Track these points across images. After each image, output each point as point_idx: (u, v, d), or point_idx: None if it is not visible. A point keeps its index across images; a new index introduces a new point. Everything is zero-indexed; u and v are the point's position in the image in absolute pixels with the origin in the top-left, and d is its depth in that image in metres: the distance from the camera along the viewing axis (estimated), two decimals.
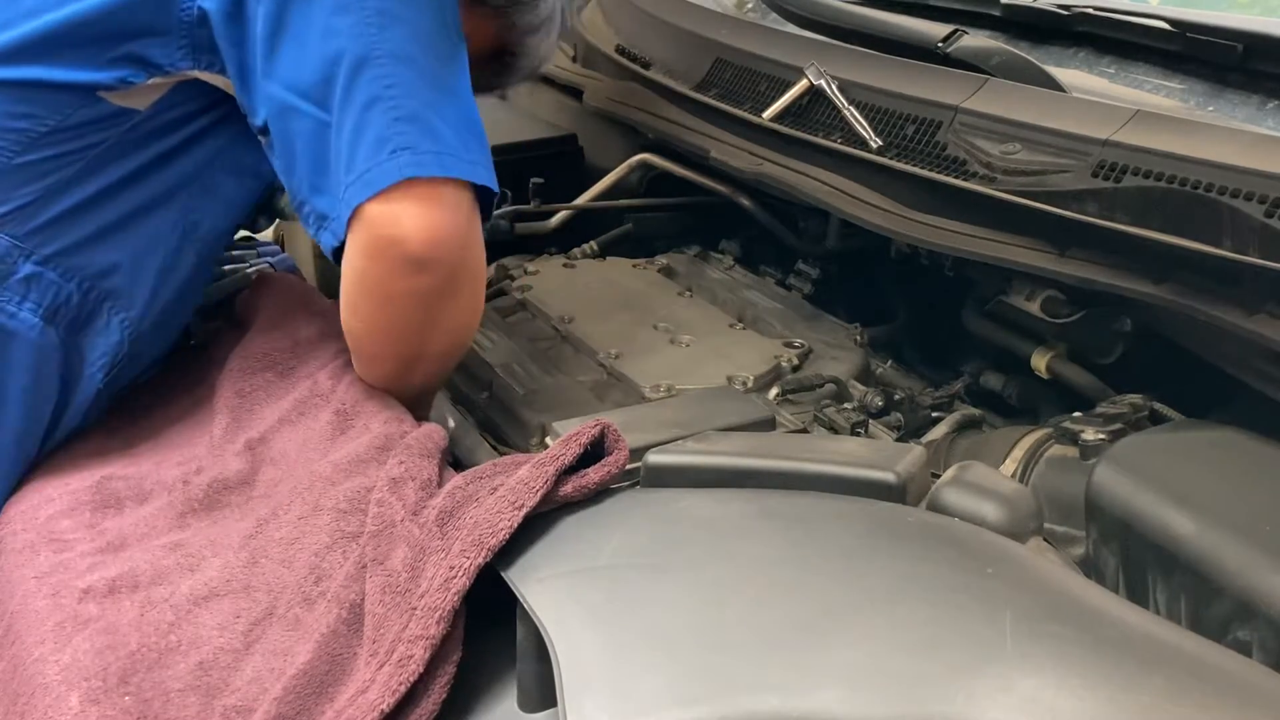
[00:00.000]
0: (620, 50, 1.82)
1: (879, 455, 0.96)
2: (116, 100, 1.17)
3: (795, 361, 1.38)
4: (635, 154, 1.77)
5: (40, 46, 1.15)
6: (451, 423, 1.30)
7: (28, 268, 1.18)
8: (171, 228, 1.25)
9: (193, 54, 1.16)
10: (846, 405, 1.31)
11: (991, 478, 0.95)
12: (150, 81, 1.17)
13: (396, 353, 1.17)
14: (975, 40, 1.43)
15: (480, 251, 1.15)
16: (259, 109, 1.15)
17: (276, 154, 1.16)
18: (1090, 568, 1.01)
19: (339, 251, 1.14)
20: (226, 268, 1.56)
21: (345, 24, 1.10)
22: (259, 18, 1.12)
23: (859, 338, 1.48)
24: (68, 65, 1.15)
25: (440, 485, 0.98)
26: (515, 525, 0.85)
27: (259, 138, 1.18)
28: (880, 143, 1.36)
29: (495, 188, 1.14)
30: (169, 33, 1.15)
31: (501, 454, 1.25)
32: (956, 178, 1.27)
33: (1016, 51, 1.42)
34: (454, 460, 1.14)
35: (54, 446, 1.25)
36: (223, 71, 1.17)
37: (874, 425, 1.30)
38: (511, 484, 0.88)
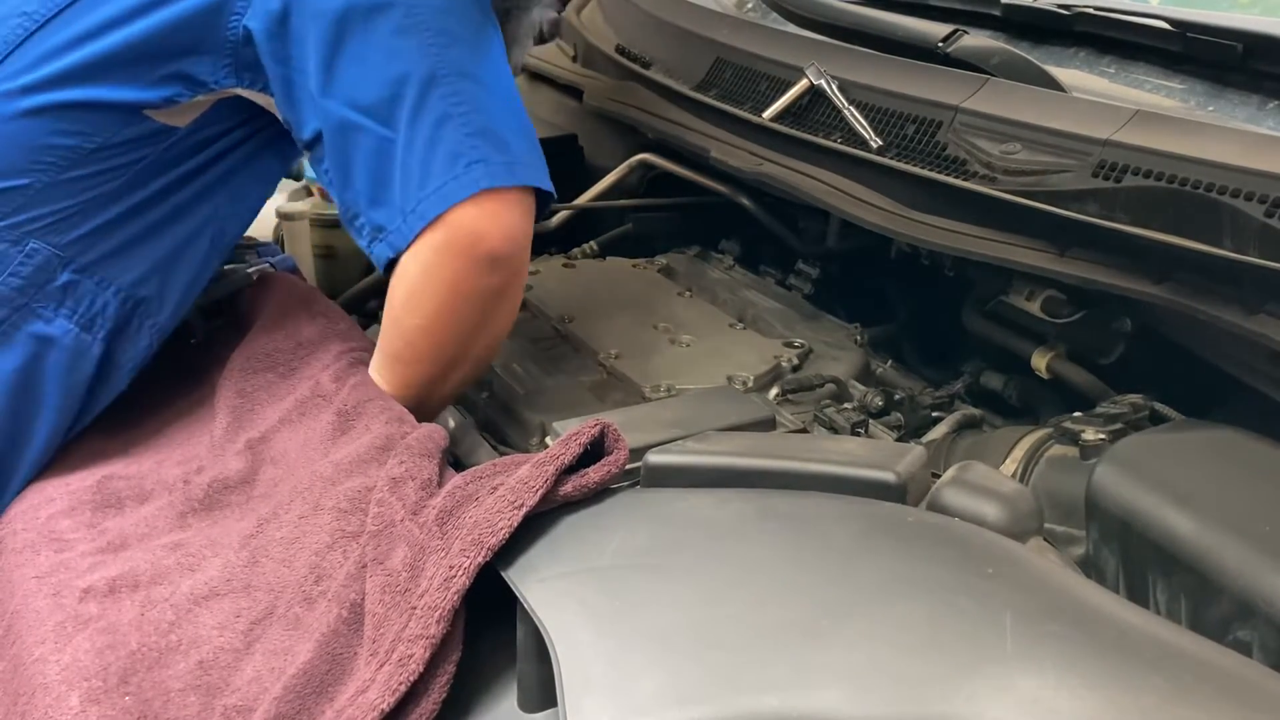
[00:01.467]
0: (620, 50, 1.82)
1: (879, 455, 0.96)
2: (160, 118, 1.21)
3: (795, 361, 1.38)
4: (635, 154, 1.77)
5: (94, 69, 1.18)
6: (451, 423, 1.30)
7: (66, 276, 1.21)
8: (201, 236, 1.29)
9: (236, 72, 1.21)
10: (846, 405, 1.31)
11: (991, 478, 0.95)
12: (195, 99, 1.21)
13: (443, 354, 1.21)
14: (975, 40, 1.43)
15: (529, 257, 1.23)
16: (308, 123, 1.19)
17: (329, 167, 1.20)
18: (1090, 568, 1.01)
19: (393, 263, 1.18)
20: (227, 267, 1.56)
21: (409, 45, 1.16)
22: (309, 38, 1.16)
23: (859, 338, 1.48)
24: (119, 85, 1.19)
25: (440, 485, 0.98)
26: (515, 525, 0.85)
27: (304, 150, 1.23)
28: (880, 143, 1.36)
29: (554, 193, 1.22)
30: (214, 51, 1.19)
31: (501, 454, 1.25)
32: (957, 178, 1.27)
33: (1016, 51, 1.42)
34: (454, 460, 1.14)
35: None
36: (264, 89, 1.22)
37: (874, 425, 1.30)
38: (511, 484, 0.88)
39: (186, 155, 1.25)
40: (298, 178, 1.88)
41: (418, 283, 1.17)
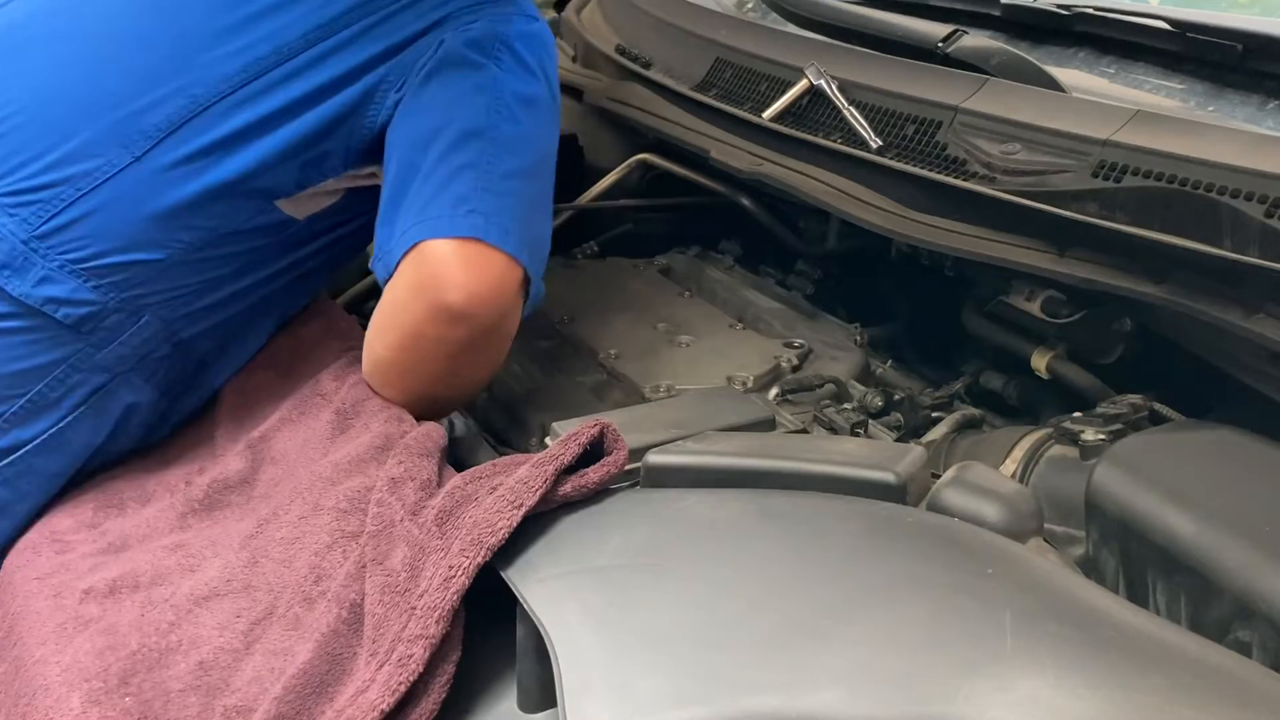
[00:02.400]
0: (620, 50, 1.82)
1: (879, 455, 0.96)
2: (285, 208, 1.24)
3: (795, 361, 1.38)
4: (635, 154, 1.76)
5: (248, 165, 1.20)
6: (452, 423, 1.30)
7: (166, 349, 1.23)
8: (276, 315, 1.33)
9: (364, 155, 1.24)
10: (846, 405, 1.31)
11: (991, 478, 0.95)
12: (320, 187, 1.25)
13: (410, 388, 1.20)
14: (975, 40, 1.43)
15: (514, 324, 1.21)
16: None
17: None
18: (1090, 568, 1.01)
19: (388, 283, 1.18)
20: None
21: (478, 103, 1.19)
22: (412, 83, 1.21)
23: (859, 338, 1.48)
24: (263, 177, 1.21)
25: (440, 485, 0.98)
26: (514, 525, 0.85)
27: None
28: (880, 143, 1.36)
29: (543, 292, 1.23)
30: (348, 136, 1.23)
31: (501, 454, 1.24)
32: (956, 178, 1.27)
33: (1016, 51, 1.42)
34: (454, 460, 1.14)
35: None
36: (379, 161, 1.24)
37: (874, 425, 1.29)
38: (511, 484, 0.88)
39: (297, 246, 1.28)
40: None
41: (386, 312, 1.18)
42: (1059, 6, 1.55)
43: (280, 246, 1.27)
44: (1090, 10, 1.51)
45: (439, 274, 1.13)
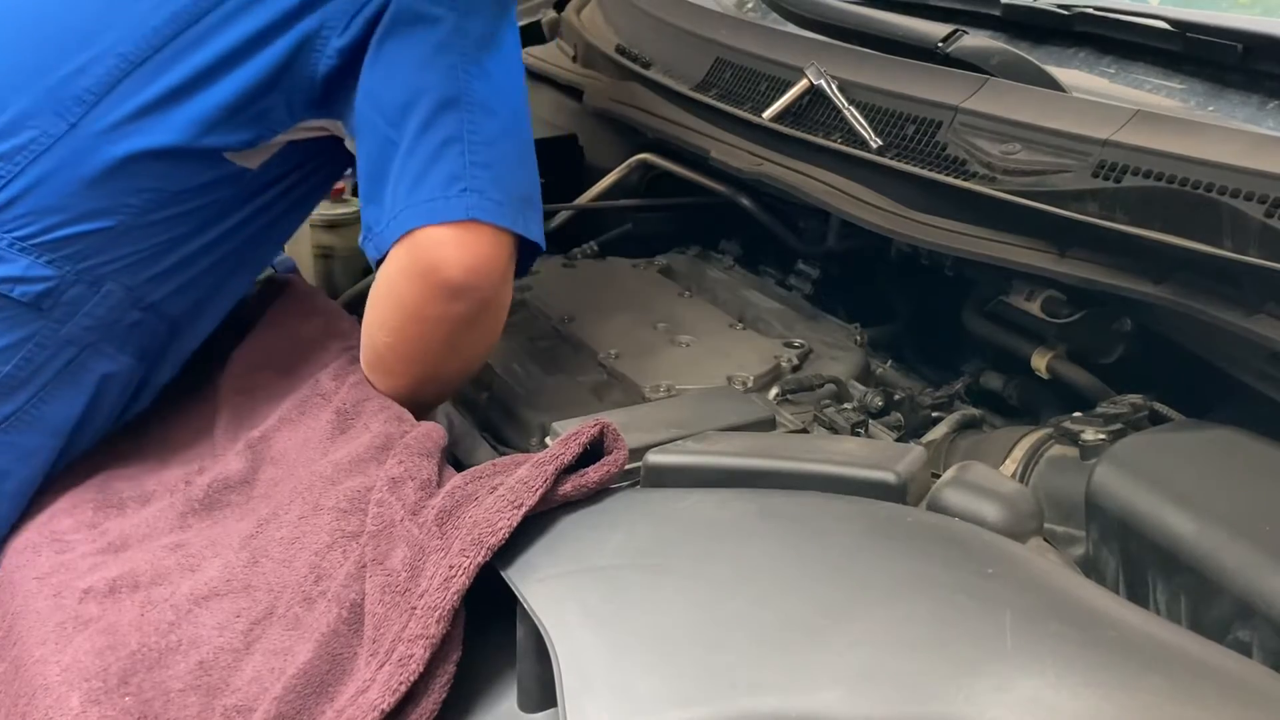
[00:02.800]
0: (620, 50, 1.82)
1: (879, 455, 0.96)
2: (237, 160, 1.21)
3: (795, 361, 1.38)
4: (635, 154, 1.76)
5: (188, 121, 1.17)
6: (452, 423, 1.30)
7: (134, 314, 1.21)
8: (245, 268, 1.31)
9: (310, 105, 1.20)
10: (846, 405, 1.31)
11: (991, 478, 0.95)
12: (274, 139, 1.21)
13: (413, 371, 1.19)
14: (975, 40, 1.43)
15: (509, 293, 1.21)
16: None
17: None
18: (1090, 568, 1.01)
19: (380, 263, 1.17)
20: None
21: (443, 63, 1.15)
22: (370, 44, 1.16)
23: (859, 338, 1.48)
24: (208, 134, 1.18)
25: (440, 485, 0.98)
26: (515, 524, 0.85)
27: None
28: (880, 143, 1.36)
29: (544, 246, 1.21)
30: (294, 88, 1.18)
31: (501, 454, 1.24)
32: (956, 178, 1.27)
33: (1016, 51, 1.42)
34: (454, 460, 1.14)
35: None
36: (333, 115, 1.21)
37: (874, 425, 1.29)
38: (511, 483, 0.88)
39: (253, 196, 1.25)
40: None
41: (384, 298, 1.17)
42: (1059, 6, 1.55)
43: (238, 198, 1.24)
44: (1090, 10, 1.51)
45: (436, 256, 1.12)
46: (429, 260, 1.12)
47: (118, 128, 1.16)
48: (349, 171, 1.77)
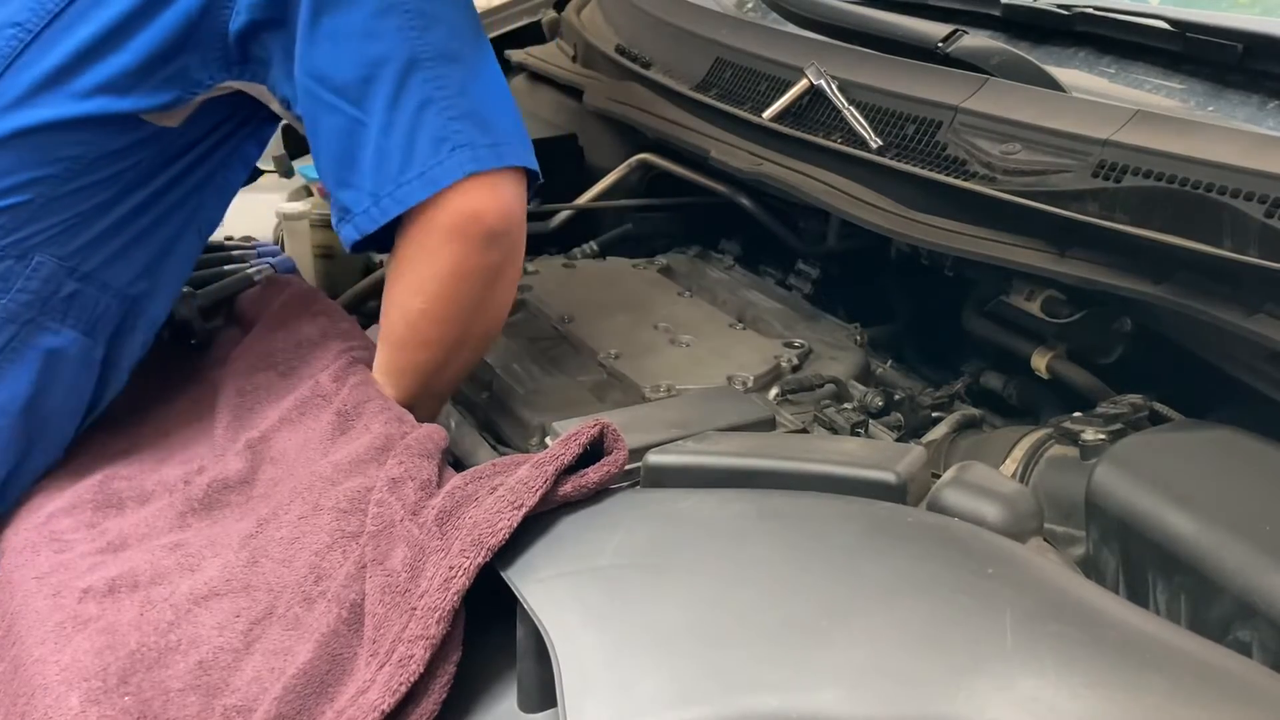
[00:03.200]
0: (620, 50, 1.82)
1: (879, 455, 0.96)
2: (155, 120, 1.19)
3: (795, 361, 1.38)
4: (635, 154, 1.76)
5: (96, 84, 1.16)
6: (452, 423, 1.30)
7: (71, 286, 1.20)
8: (189, 229, 1.29)
9: (227, 65, 1.19)
10: (846, 405, 1.31)
11: (991, 478, 0.95)
12: (193, 100, 1.19)
13: (446, 336, 1.20)
14: (975, 40, 1.43)
15: (525, 234, 1.22)
16: (299, 95, 1.18)
17: (309, 138, 1.19)
18: (1090, 568, 1.01)
19: (359, 245, 1.18)
20: (227, 268, 1.56)
21: (388, 26, 1.13)
22: (300, 15, 1.14)
23: (859, 338, 1.48)
24: (120, 96, 1.16)
25: (440, 485, 0.98)
26: (515, 525, 0.85)
27: (297, 121, 1.21)
28: (880, 143, 1.36)
29: (539, 175, 1.21)
30: (206, 47, 1.17)
31: (501, 454, 1.25)
32: (956, 178, 1.27)
33: (1016, 51, 1.42)
34: (454, 460, 1.14)
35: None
36: (254, 78, 1.20)
37: (874, 425, 1.30)
38: (511, 484, 0.88)
39: (178, 154, 1.24)
40: (289, 174, 1.88)
41: (418, 266, 1.17)
42: (1059, 6, 1.55)
43: (162, 158, 1.22)
44: (1090, 10, 1.51)
45: (468, 213, 1.14)
46: (464, 217, 1.13)
47: (25, 99, 1.15)
48: None
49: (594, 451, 0.92)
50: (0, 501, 1.19)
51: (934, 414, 1.34)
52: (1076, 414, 1.17)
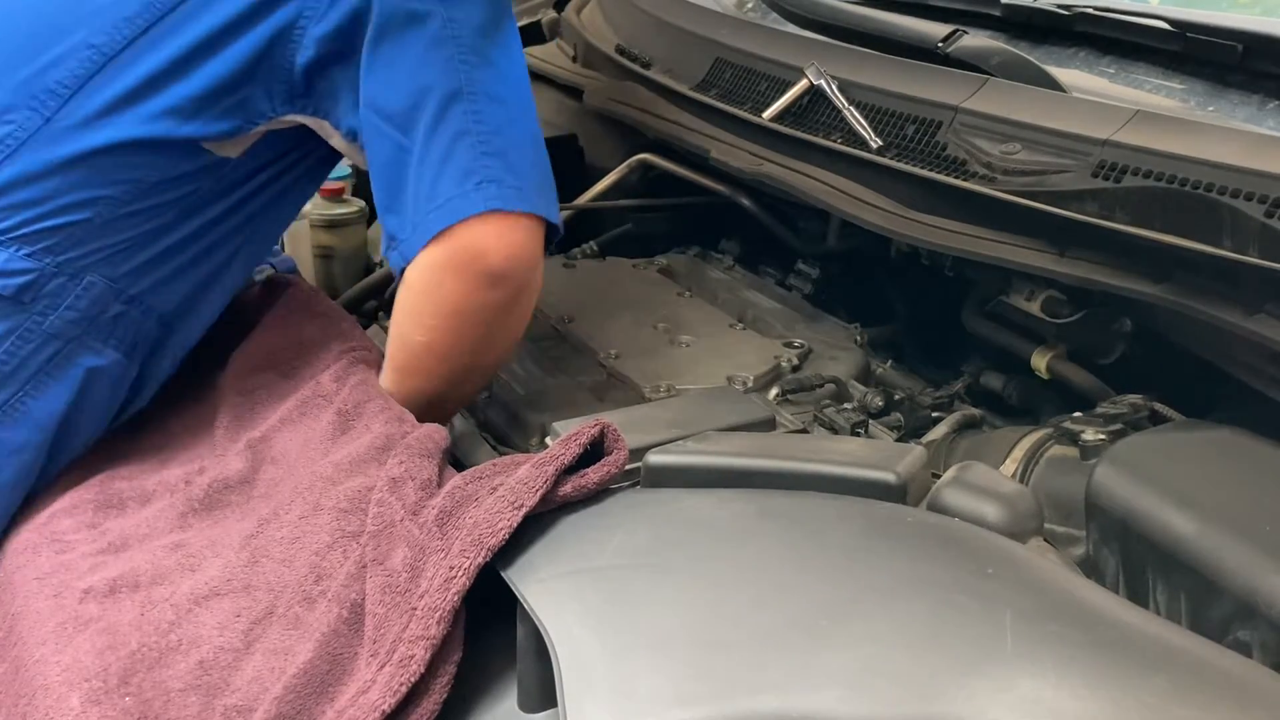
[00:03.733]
0: (620, 50, 1.82)
1: (879, 455, 0.96)
2: (216, 150, 1.20)
3: (795, 361, 1.38)
4: (635, 154, 1.76)
5: (164, 110, 1.16)
6: (452, 423, 1.30)
7: (117, 307, 1.21)
8: (237, 260, 1.30)
9: (291, 98, 1.19)
10: (846, 405, 1.31)
11: (992, 478, 0.95)
12: (254, 130, 1.20)
13: (450, 367, 1.20)
14: (975, 40, 1.43)
15: (540, 278, 1.21)
16: (363, 126, 1.19)
17: (369, 169, 1.21)
18: (1090, 568, 1.01)
19: (405, 270, 1.18)
20: None
21: (439, 58, 1.15)
22: (364, 47, 1.16)
23: (859, 338, 1.48)
24: (185, 123, 1.17)
25: (440, 485, 0.98)
26: (515, 525, 0.85)
27: (360, 156, 1.22)
28: (880, 143, 1.36)
29: (561, 229, 1.21)
30: (272, 79, 1.18)
31: (501, 454, 1.25)
32: (956, 178, 1.27)
33: (1016, 51, 1.42)
34: (454, 460, 1.14)
35: None
36: (316, 112, 1.21)
37: (874, 425, 1.30)
38: (511, 484, 0.88)
39: (236, 185, 1.24)
40: None
41: (421, 299, 1.17)
42: (1059, 6, 1.55)
43: (220, 188, 1.23)
44: (1090, 10, 1.51)
45: (473, 249, 1.13)
46: (465, 251, 1.13)
47: (93, 120, 1.15)
48: (348, 173, 1.76)
49: (594, 451, 0.92)
50: (8, 509, 1.18)
51: (934, 414, 1.34)
52: (1076, 414, 1.17)
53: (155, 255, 1.21)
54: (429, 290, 1.16)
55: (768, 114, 1.49)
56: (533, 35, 2.16)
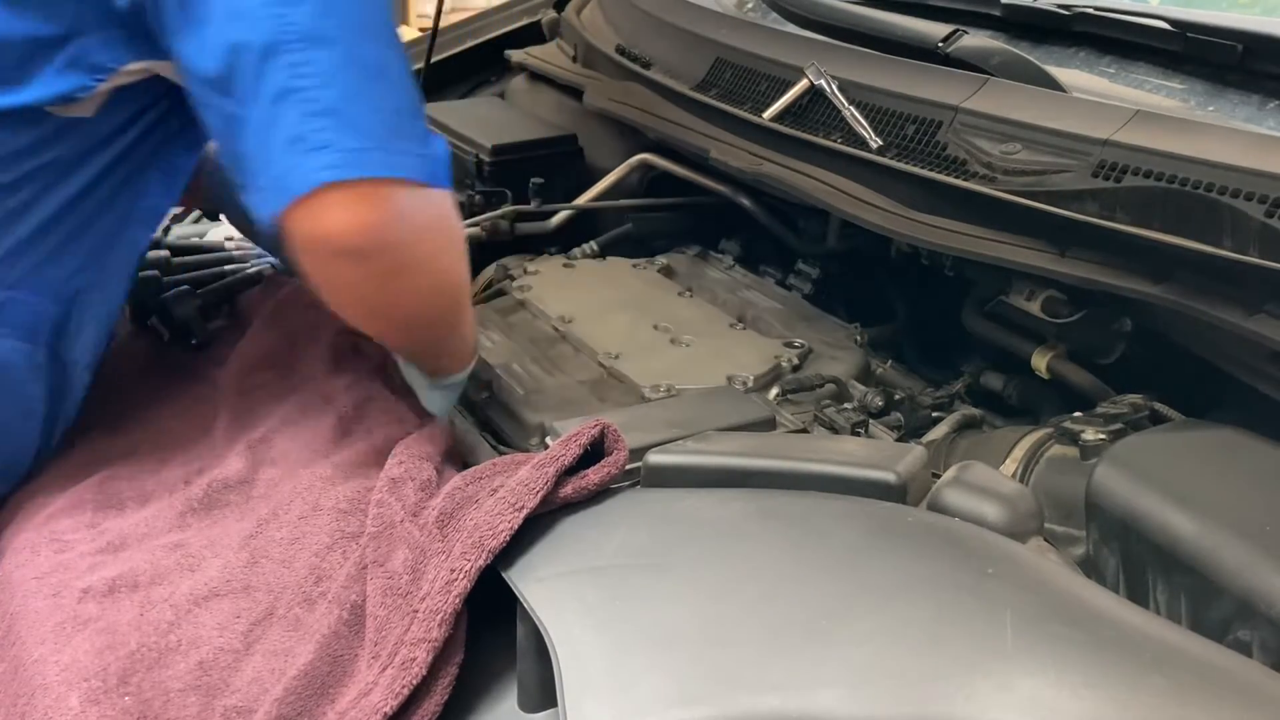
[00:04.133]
0: (620, 50, 1.82)
1: (879, 455, 0.96)
2: (63, 113, 1.09)
3: (795, 361, 1.38)
4: (635, 154, 1.76)
5: None
6: (452, 422, 1.29)
7: (0, 294, 1.13)
8: (130, 220, 1.20)
9: (130, 42, 1.06)
10: (846, 405, 1.31)
11: (992, 478, 0.95)
12: (99, 88, 1.08)
13: (377, 326, 1.13)
14: (975, 40, 1.43)
15: (435, 226, 1.07)
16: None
17: None
18: (1090, 568, 1.01)
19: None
20: (227, 268, 1.56)
21: (251, 3, 0.99)
22: None
23: (859, 338, 1.48)
24: (13, 89, 1.06)
25: (440, 486, 0.98)
26: (515, 527, 0.85)
27: None
28: (880, 143, 1.36)
29: (423, 176, 1.03)
30: (103, 26, 1.05)
31: (501, 454, 1.24)
32: (956, 178, 1.27)
33: (1016, 51, 1.42)
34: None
35: (56, 446, 1.25)
36: (164, 56, 1.07)
37: (874, 425, 1.30)
38: (511, 485, 0.88)
39: (101, 145, 1.12)
40: None
41: (311, 283, 1.07)
42: (1059, 6, 1.55)
43: (82, 150, 1.11)
44: (1090, 10, 1.51)
45: (314, 229, 0.99)
46: (312, 234, 1.00)
47: None
48: None
49: (594, 451, 0.92)
50: None
51: (934, 414, 1.34)
52: (1076, 414, 1.17)
53: (29, 234, 1.11)
54: (306, 274, 1.05)
55: (768, 114, 1.49)
56: (533, 35, 2.16)
